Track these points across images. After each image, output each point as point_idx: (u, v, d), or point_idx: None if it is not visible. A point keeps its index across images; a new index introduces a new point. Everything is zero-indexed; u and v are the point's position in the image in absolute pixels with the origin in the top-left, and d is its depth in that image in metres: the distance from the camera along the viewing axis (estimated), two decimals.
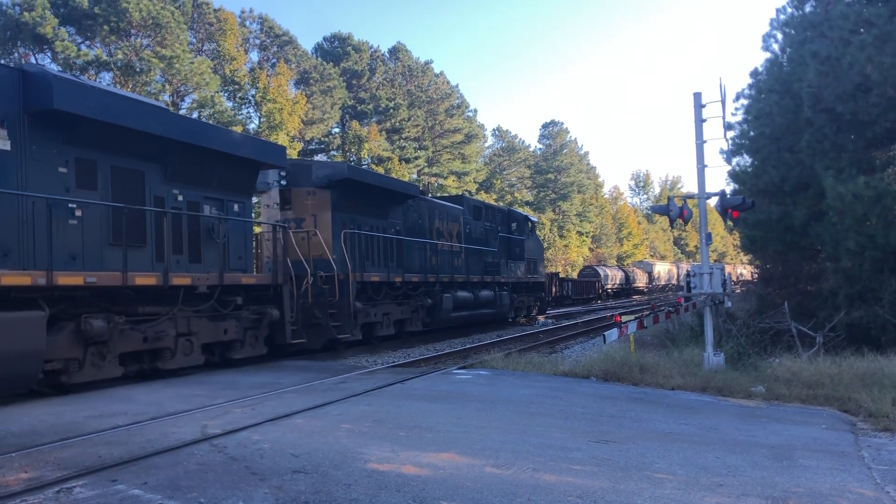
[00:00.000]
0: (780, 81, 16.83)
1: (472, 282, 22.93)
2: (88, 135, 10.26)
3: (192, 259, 12.13)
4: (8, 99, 9.30)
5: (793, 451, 6.81)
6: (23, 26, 32.72)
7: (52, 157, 9.88)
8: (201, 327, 12.05)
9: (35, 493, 5.02)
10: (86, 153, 10.36)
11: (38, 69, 10.33)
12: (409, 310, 18.99)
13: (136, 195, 11.09)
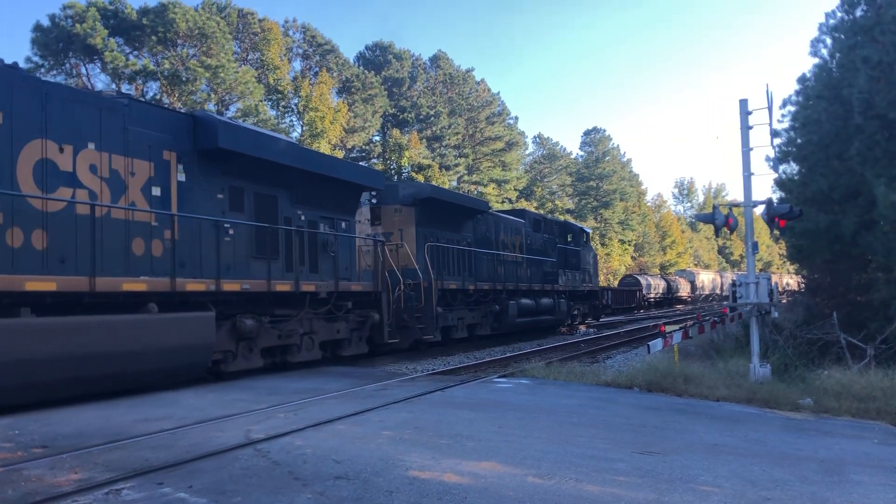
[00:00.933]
0: (829, 87, 16.49)
1: (534, 290, 24.39)
2: (239, 167, 12.28)
3: (311, 269, 13.95)
4: (184, 140, 11.40)
5: (843, 465, 6.64)
6: (74, 37, 33.60)
7: (213, 185, 11.91)
8: (320, 327, 14.10)
9: (85, 494, 5.12)
10: (237, 182, 12.39)
11: (205, 115, 12.49)
12: (479, 315, 20.84)
13: (271, 216, 13.07)
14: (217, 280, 11.44)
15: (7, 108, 8.93)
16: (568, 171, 75.93)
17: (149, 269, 10.54)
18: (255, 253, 12.55)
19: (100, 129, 10.15)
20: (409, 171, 49.18)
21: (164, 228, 10.86)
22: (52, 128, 9.49)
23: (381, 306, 15.71)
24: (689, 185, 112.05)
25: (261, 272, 12.49)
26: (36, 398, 8.76)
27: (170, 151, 11.15)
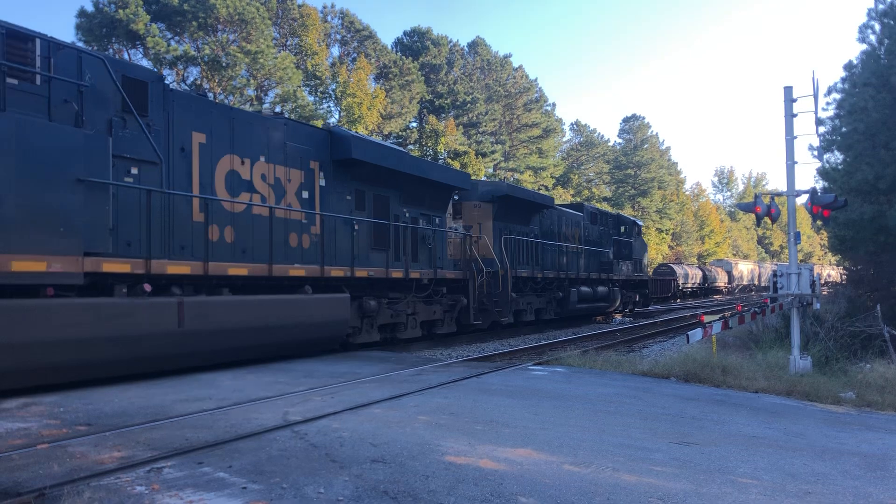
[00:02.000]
0: (877, 74, 16.11)
1: (592, 278, 26.47)
2: (363, 173, 14.64)
3: (413, 259, 16.23)
4: (323, 151, 13.86)
5: (887, 460, 6.51)
6: (117, 23, 34.07)
7: (343, 189, 14.37)
8: (421, 309, 16.57)
9: (127, 472, 5.23)
10: (360, 185, 14.80)
11: (340, 130, 14.70)
12: (545, 300, 23.04)
13: (384, 214, 15.46)
14: (351, 267, 14.04)
15: (209, 130, 11.39)
16: (605, 159, 75.16)
17: (300, 258, 13.02)
18: (374, 245, 15.02)
19: (268, 145, 12.61)
20: (444, 158, 49.12)
21: (310, 225, 13.35)
22: (237, 145, 11.95)
23: (468, 291, 18.10)
24: (729, 173, 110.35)
25: (379, 261, 15.05)
26: (230, 359, 11.31)
27: (314, 161, 13.63)
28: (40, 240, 8.43)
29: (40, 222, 8.44)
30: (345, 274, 13.80)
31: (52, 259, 8.50)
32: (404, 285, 15.83)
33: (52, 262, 8.51)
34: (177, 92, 11.20)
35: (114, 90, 9.70)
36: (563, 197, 60.19)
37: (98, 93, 9.51)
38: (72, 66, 9.25)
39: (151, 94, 10.38)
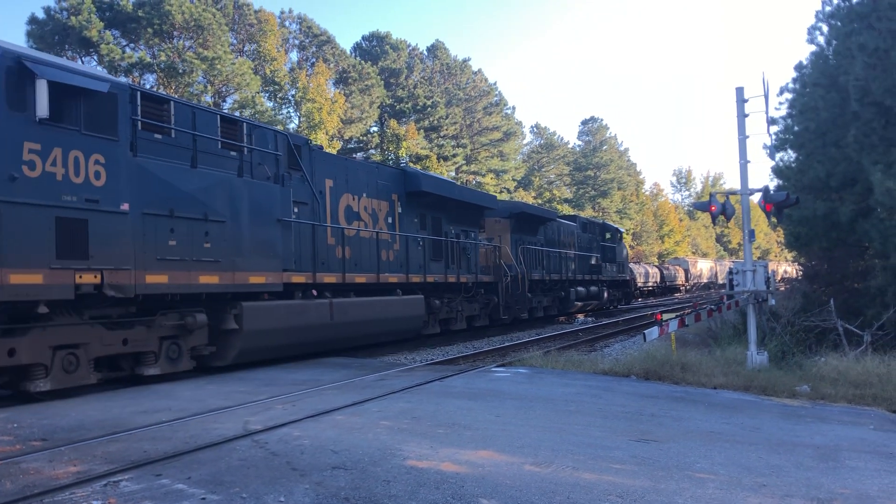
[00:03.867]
0: (826, 75, 16.47)
1: (585, 280, 30.48)
2: (425, 201, 18.46)
3: (458, 266, 19.92)
4: (399, 186, 17.59)
5: (839, 451, 6.67)
6: (70, 30, 33.47)
7: (412, 214, 18.13)
8: (465, 307, 20.36)
9: (83, 486, 5.14)
10: (423, 210, 18.56)
11: (412, 169, 20.12)
12: (550, 299, 26.95)
13: (439, 232, 19.20)
14: (423, 275, 17.86)
15: (334, 176, 15.12)
16: (566, 161, 75.77)
17: (389, 269, 16.59)
18: (432, 257, 18.61)
19: (367, 183, 16.30)
20: (406, 162, 49.10)
21: (393, 243, 17.01)
22: (350, 185, 15.64)
23: (497, 292, 21.87)
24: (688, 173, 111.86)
25: (437, 269, 18.72)
26: (357, 344, 15.33)
27: (394, 194, 17.34)
28: (262, 262, 12.22)
29: (261, 250, 12.22)
30: (420, 280, 17.71)
31: (268, 275, 12.35)
32: (454, 288, 19.81)
33: (268, 276, 12.38)
34: (315, 150, 14.88)
35: (284, 153, 13.43)
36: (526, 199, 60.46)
37: (277, 156, 13.22)
38: (263, 138, 12.94)
39: (303, 154, 14.06)
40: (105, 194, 9.55)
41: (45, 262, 8.78)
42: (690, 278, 62.98)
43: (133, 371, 10.39)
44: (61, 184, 9.03)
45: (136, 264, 9.94)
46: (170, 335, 10.80)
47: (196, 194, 11.01)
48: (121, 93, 9.98)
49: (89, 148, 9.40)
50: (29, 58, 8.96)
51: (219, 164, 11.69)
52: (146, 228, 10.16)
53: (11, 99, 8.57)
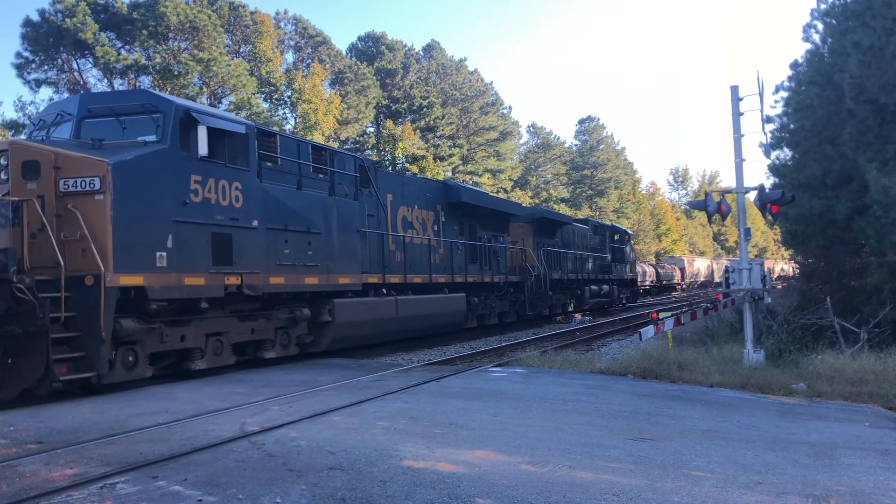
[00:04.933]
0: (821, 73, 16.49)
1: (597, 279, 32.94)
2: (462, 210, 20.70)
3: (490, 268, 22.14)
4: (442, 197, 19.87)
5: (835, 449, 6.69)
6: (64, 32, 33.41)
7: (452, 222, 20.30)
8: (497, 304, 22.80)
9: (79, 489, 5.14)
10: (461, 219, 20.79)
11: (453, 183, 24.07)
12: (567, 297, 29.28)
13: (474, 237, 21.39)
14: (465, 275, 20.22)
15: (393, 191, 17.30)
16: (562, 161, 75.84)
17: (436, 270, 18.78)
18: (469, 259, 20.87)
19: (416, 196, 18.56)
20: (403, 163, 49.11)
21: (438, 248, 19.17)
22: (405, 198, 17.93)
23: (524, 290, 24.32)
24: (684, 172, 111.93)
25: (474, 271, 20.99)
26: (414, 335, 17.85)
27: (439, 205, 19.55)
28: (347, 266, 14.65)
29: (346, 256, 14.65)
30: (462, 280, 20.08)
31: (351, 276, 14.74)
32: (488, 287, 22.20)
33: (352, 277, 14.76)
34: (379, 169, 17.63)
35: (358, 174, 15.56)
36: (522, 199, 60.49)
37: (355, 177, 15.43)
38: (342, 162, 15.27)
39: (370, 173, 16.21)
40: (242, 214, 11.95)
41: (205, 267, 11.14)
42: (686, 277, 62.99)
43: (255, 355, 12.74)
44: (214, 206, 11.39)
45: (263, 269, 12.30)
46: (282, 326, 13.20)
47: (301, 211, 13.46)
48: (250, 132, 12.33)
49: (231, 177, 11.76)
50: (193, 109, 11.37)
51: (313, 186, 14.03)
52: (269, 240, 12.53)
53: (183, 142, 10.91)
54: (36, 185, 9.76)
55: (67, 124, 11.25)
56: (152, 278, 10.27)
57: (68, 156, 9.95)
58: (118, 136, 10.89)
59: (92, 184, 9.77)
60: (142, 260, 10.16)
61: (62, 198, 9.78)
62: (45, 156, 9.88)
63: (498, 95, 64.10)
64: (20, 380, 8.81)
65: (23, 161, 9.83)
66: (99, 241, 9.57)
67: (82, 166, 9.85)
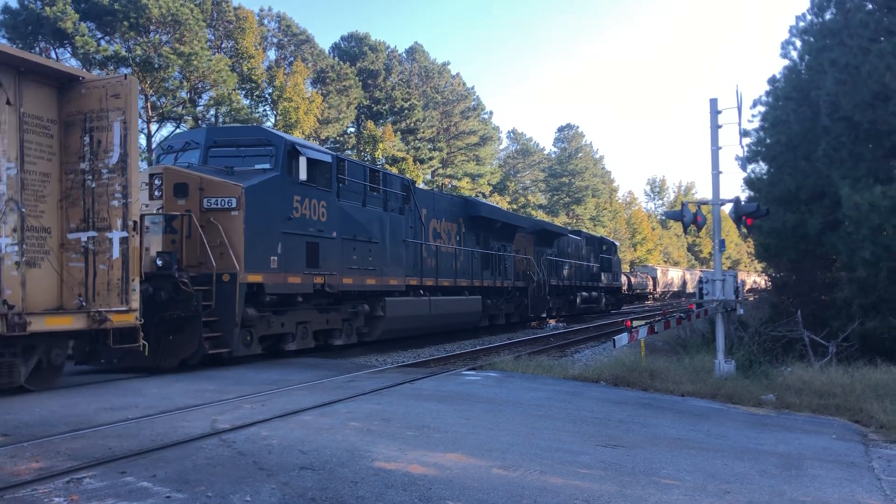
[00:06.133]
0: (798, 89, 16.75)
1: (588, 286, 35.72)
2: (481, 223, 23.02)
3: (500, 274, 24.53)
4: (462, 211, 22.31)
5: (802, 460, 6.77)
6: (44, 21, 33.01)
7: (470, 233, 22.55)
8: (504, 306, 25.16)
9: (45, 483, 5.07)
10: (478, 231, 23.03)
11: (472, 198, 25.81)
12: (563, 302, 31.68)
13: (487, 246, 23.66)
14: (481, 280, 22.74)
15: (427, 206, 19.72)
16: (541, 167, 76.18)
17: (458, 275, 21.22)
18: (483, 266, 23.16)
19: (444, 210, 21.04)
20: (382, 164, 49.03)
21: (459, 255, 21.51)
22: (435, 212, 20.37)
23: (527, 294, 26.89)
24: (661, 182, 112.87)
25: (487, 276, 23.37)
26: (442, 330, 20.53)
27: (460, 217, 21.97)
28: (395, 270, 17.28)
29: (395, 261, 17.27)
30: (480, 284, 22.57)
31: (398, 279, 17.39)
32: (498, 291, 24.48)
33: (398, 280, 17.40)
34: (415, 187, 19.81)
35: (403, 191, 18.27)
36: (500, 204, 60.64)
37: (401, 195, 18.07)
38: (390, 181, 17.81)
39: (411, 190, 18.74)
40: (326, 227, 14.64)
41: (301, 269, 13.80)
42: (659, 286, 63.37)
43: (326, 342, 15.27)
44: (308, 221, 14.08)
45: (339, 271, 14.94)
46: (347, 318, 15.81)
47: (364, 224, 16.04)
48: (333, 160, 15.04)
49: (319, 197, 14.42)
50: (297, 143, 14.11)
51: (373, 203, 16.64)
52: (343, 248, 15.16)
53: (289, 170, 13.55)
54: (184, 202, 12.27)
55: (195, 151, 13.95)
56: (268, 277, 12.91)
57: (210, 180, 12.57)
58: (238, 163, 13.53)
59: (230, 202, 12.46)
60: (262, 262, 12.80)
61: (205, 212, 12.39)
62: (193, 179, 12.44)
63: (479, 100, 64.31)
64: (179, 352, 11.56)
65: (174, 183, 12.30)
66: (234, 248, 12.24)
67: (222, 188, 12.50)
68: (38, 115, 9.81)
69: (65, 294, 9.95)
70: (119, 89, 10.01)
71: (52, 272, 9.79)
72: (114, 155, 9.94)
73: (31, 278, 9.40)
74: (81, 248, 9.94)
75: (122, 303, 9.74)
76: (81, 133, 10.02)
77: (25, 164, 9.56)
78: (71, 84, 10.10)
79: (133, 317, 9.79)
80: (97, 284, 9.87)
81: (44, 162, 9.85)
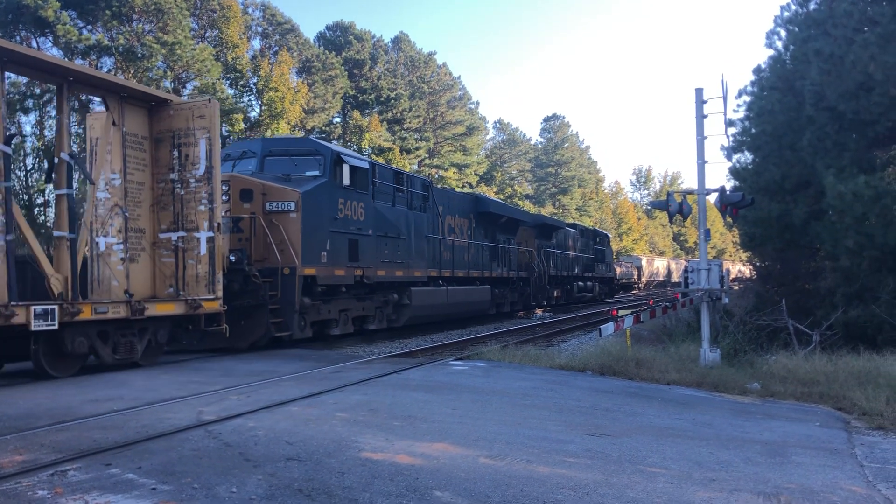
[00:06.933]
0: (783, 79, 16.81)
1: (584, 276, 38.29)
2: (489, 219, 24.83)
3: (505, 265, 26.35)
4: (472, 207, 24.05)
5: (786, 447, 6.82)
6: (24, 9, 32.55)
7: (479, 227, 24.26)
8: (509, 294, 26.99)
9: (29, 476, 5.03)
10: (486, 226, 24.74)
11: (482, 195, 29.60)
12: (560, 291, 33.58)
13: (494, 240, 25.42)
14: (491, 272, 24.64)
15: (443, 203, 21.55)
16: (527, 157, 76.19)
17: (470, 267, 22.98)
18: (491, 258, 24.89)
19: (457, 207, 22.84)
20: (369, 153, 48.87)
21: (470, 249, 23.20)
22: (450, 209, 22.04)
23: (530, 284, 28.87)
24: (647, 172, 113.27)
25: (495, 267, 25.22)
26: (457, 317, 22.35)
27: (471, 213, 23.72)
28: (419, 263, 19.25)
29: (419, 255, 19.21)
30: (490, 275, 24.48)
31: (421, 271, 19.35)
32: (504, 281, 26.31)
33: (422, 271, 19.39)
34: (434, 186, 21.80)
35: (424, 191, 20.12)
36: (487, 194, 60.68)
37: (423, 194, 19.93)
38: (413, 182, 19.53)
39: (430, 190, 20.72)
40: (363, 225, 16.50)
41: (344, 263, 15.68)
42: (644, 276, 63.60)
43: (361, 327, 17.09)
44: (350, 220, 15.93)
45: (374, 265, 16.81)
46: (379, 306, 17.69)
47: (394, 222, 17.99)
48: (370, 167, 17.07)
49: (358, 199, 16.29)
50: (342, 153, 15.88)
51: (400, 202, 18.50)
52: (377, 244, 17.03)
53: (334, 176, 15.40)
54: (249, 206, 14.05)
55: (252, 160, 15.74)
56: (320, 270, 14.72)
57: (272, 186, 14.39)
58: (291, 170, 15.37)
59: (289, 206, 14.25)
60: (315, 258, 14.58)
61: (267, 214, 14.18)
62: (257, 186, 14.29)
63: (466, 90, 64.19)
64: (249, 335, 13.36)
65: (240, 188, 14.08)
66: (293, 245, 14.03)
67: (282, 193, 14.34)
68: (134, 133, 11.73)
69: (157, 285, 11.94)
70: (204, 111, 11.89)
71: (147, 266, 11.78)
72: (200, 167, 11.80)
73: (132, 272, 11.40)
74: (172, 246, 11.85)
75: (210, 292, 11.70)
76: (170, 148, 11.94)
77: (127, 174, 11.49)
78: (160, 106, 12.06)
79: (218, 304, 11.80)
80: (186, 277, 11.79)
81: (139, 173, 11.79)
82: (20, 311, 8.99)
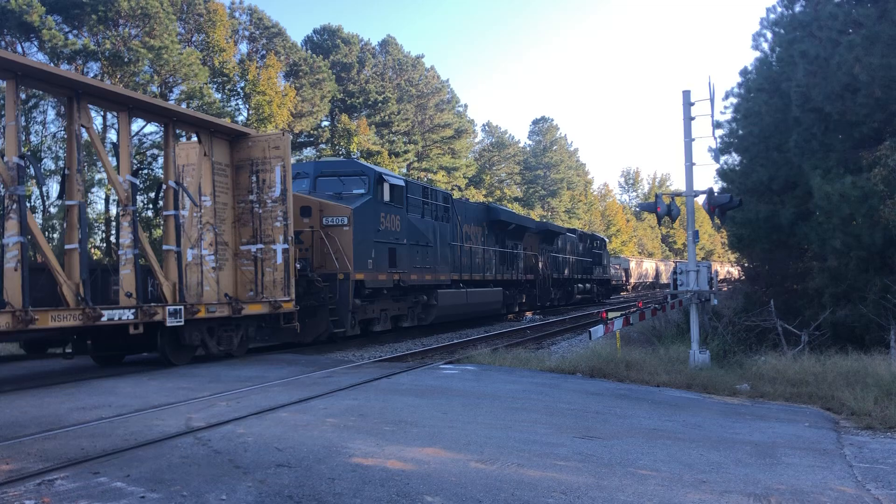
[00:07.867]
0: (770, 81, 16.88)
1: (583, 279, 40.23)
2: (499, 226, 26.73)
3: (514, 269, 28.21)
4: (484, 216, 26.03)
5: (776, 448, 6.84)
6: (9, 14, 32.34)
7: (491, 234, 26.07)
8: (518, 295, 28.87)
9: (16, 485, 4.98)
10: (497, 232, 26.67)
11: (493, 204, 31.81)
12: (561, 293, 36.00)
13: (504, 246, 27.33)
14: (502, 275, 26.61)
15: (461, 213, 23.40)
16: (516, 160, 76.21)
17: (485, 270, 25.02)
18: (501, 262, 26.94)
19: (473, 216, 24.63)
20: (357, 157, 48.77)
21: (485, 254, 24.95)
22: (467, 218, 23.97)
23: (535, 286, 30.95)
24: (635, 174, 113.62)
25: (505, 271, 27.27)
26: (475, 316, 24.73)
27: (484, 221, 25.64)
28: (444, 268, 21.35)
29: (444, 261, 21.34)
30: (501, 278, 26.47)
31: (445, 275, 21.33)
32: (513, 284, 28.25)
33: (446, 276, 21.35)
34: (453, 198, 23.57)
35: (445, 202, 22.12)
36: (476, 197, 60.71)
37: (445, 206, 21.95)
38: (436, 195, 21.53)
39: (451, 201, 22.78)
40: (399, 235, 18.62)
41: (385, 269, 17.78)
42: (633, 278, 63.75)
43: (395, 325, 19.18)
44: (388, 231, 18.08)
45: (408, 270, 18.94)
46: (411, 306, 19.77)
47: (424, 232, 20.16)
48: (405, 184, 19.31)
49: (395, 212, 18.49)
50: (383, 173, 18.41)
51: (428, 214, 20.70)
52: (410, 252, 19.17)
53: (377, 193, 17.66)
54: (308, 220, 16.30)
55: (306, 180, 18.00)
56: (367, 275, 16.87)
57: (327, 203, 16.76)
58: (340, 188, 17.75)
59: (342, 220, 16.50)
60: (363, 264, 16.76)
61: (324, 228, 16.45)
62: (315, 203, 16.64)
63: (454, 93, 64.12)
64: (313, 332, 15.53)
65: (301, 206, 16.12)
66: (346, 254, 16.23)
67: (336, 210, 16.63)
68: (220, 162, 13.88)
69: (238, 289, 13.94)
70: (279, 142, 14.16)
71: (231, 273, 13.84)
72: (276, 189, 14.03)
73: (220, 278, 13.43)
74: (251, 256, 14.03)
75: (285, 295, 13.86)
76: (249, 173, 14.17)
77: (215, 196, 13.56)
78: (239, 138, 14.28)
79: (293, 304, 14.02)
80: (265, 282, 13.97)
81: (223, 195, 13.87)
82: (159, 311, 11.22)
